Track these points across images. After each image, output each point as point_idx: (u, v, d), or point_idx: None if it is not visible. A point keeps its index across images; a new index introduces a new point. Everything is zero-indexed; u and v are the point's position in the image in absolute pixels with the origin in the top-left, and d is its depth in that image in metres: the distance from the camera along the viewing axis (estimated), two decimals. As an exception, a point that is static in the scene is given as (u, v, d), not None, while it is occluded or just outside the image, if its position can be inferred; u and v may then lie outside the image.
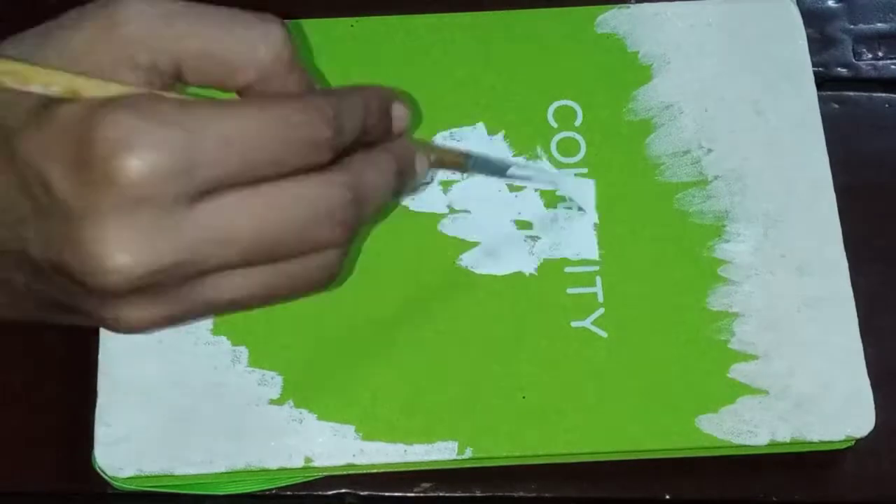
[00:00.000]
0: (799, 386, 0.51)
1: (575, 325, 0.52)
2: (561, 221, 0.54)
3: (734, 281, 0.53)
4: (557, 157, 0.56)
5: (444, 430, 0.50)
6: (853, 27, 0.62)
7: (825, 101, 0.58)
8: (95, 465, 0.50)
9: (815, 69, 0.57)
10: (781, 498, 0.52)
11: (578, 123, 0.56)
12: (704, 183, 0.55)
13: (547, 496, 0.52)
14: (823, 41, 0.61)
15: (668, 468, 0.51)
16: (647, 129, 0.56)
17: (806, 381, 0.51)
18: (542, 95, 0.57)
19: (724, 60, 0.57)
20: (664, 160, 0.56)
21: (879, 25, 0.62)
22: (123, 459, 0.50)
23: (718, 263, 0.53)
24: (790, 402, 0.51)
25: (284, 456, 0.50)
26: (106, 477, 0.50)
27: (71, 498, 0.52)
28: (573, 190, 0.55)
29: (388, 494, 0.52)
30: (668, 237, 0.54)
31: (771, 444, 0.50)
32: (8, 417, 0.52)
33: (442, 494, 0.52)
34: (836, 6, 0.62)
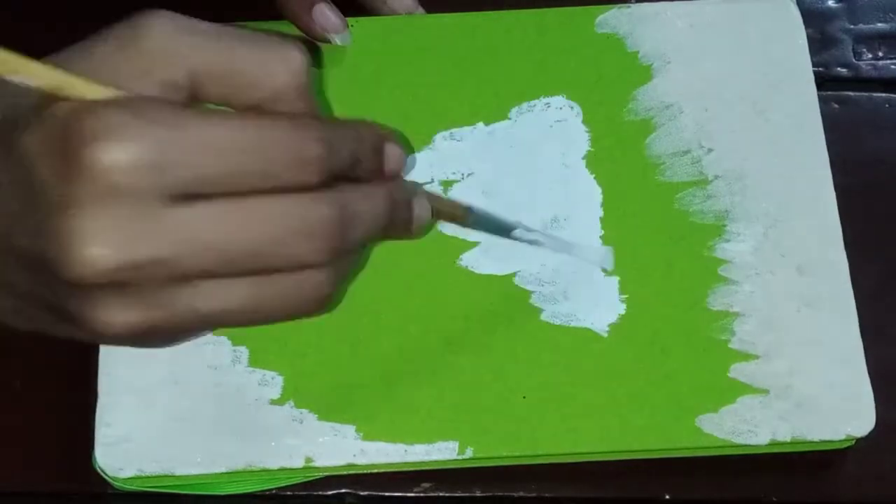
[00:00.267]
0: (799, 386, 0.51)
1: (575, 325, 0.52)
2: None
3: (734, 281, 0.53)
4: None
5: (444, 430, 0.50)
6: (853, 27, 0.62)
7: (825, 101, 0.58)
8: (96, 465, 0.50)
9: (815, 69, 0.57)
10: (781, 498, 0.52)
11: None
12: (704, 183, 0.55)
13: (547, 496, 0.52)
14: (823, 41, 0.61)
15: (668, 468, 0.51)
16: (647, 129, 0.56)
17: (806, 380, 0.51)
18: (542, 95, 0.57)
19: (724, 60, 0.57)
20: (664, 160, 0.56)
21: (879, 25, 0.62)
22: (124, 459, 0.50)
23: (719, 263, 0.53)
24: (790, 401, 0.51)
25: (285, 456, 0.50)
26: (106, 477, 0.50)
27: (71, 498, 0.52)
28: (588, 258, 0.53)
29: (388, 494, 0.52)
30: (668, 237, 0.54)
31: (771, 443, 0.50)
32: (8, 417, 0.52)
33: (442, 494, 0.52)
34: (836, 6, 0.62)
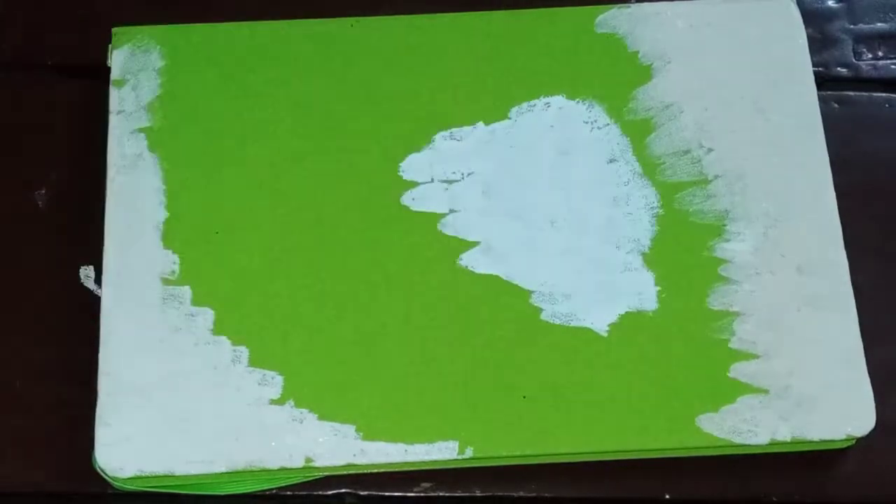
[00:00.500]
0: (799, 385, 0.51)
1: (575, 325, 0.52)
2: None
3: (734, 280, 0.53)
4: (557, 156, 0.56)
5: (444, 430, 0.50)
6: (853, 27, 0.62)
7: (825, 101, 0.58)
8: (96, 465, 0.50)
9: (815, 69, 0.57)
10: (781, 498, 0.52)
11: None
12: (704, 182, 0.55)
13: (547, 496, 0.52)
14: (823, 41, 0.61)
15: (668, 468, 0.52)
16: (647, 128, 0.56)
17: (806, 380, 0.51)
18: (542, 95, 0.57)
19: (724, 60, 0.57)
20: (664, 160, 0.56)
21: (879, 25, 0.62)
22: (124, 459, 0.50)
23: (719, 263, 0.53)
24: (790, 401, 0.51)
25: (285, 456, 0.50)
26: (106, 477, 0.50)
27: (71, 498, 0.52)
28: None
29: (388, 494, 0.52)
30: (668, 237, 0.54)
31: (771, 443, 0.50)
32: (8, 417, 0.53)
33: (442, 494, 0.52)
34: (836, 6, 0.62)
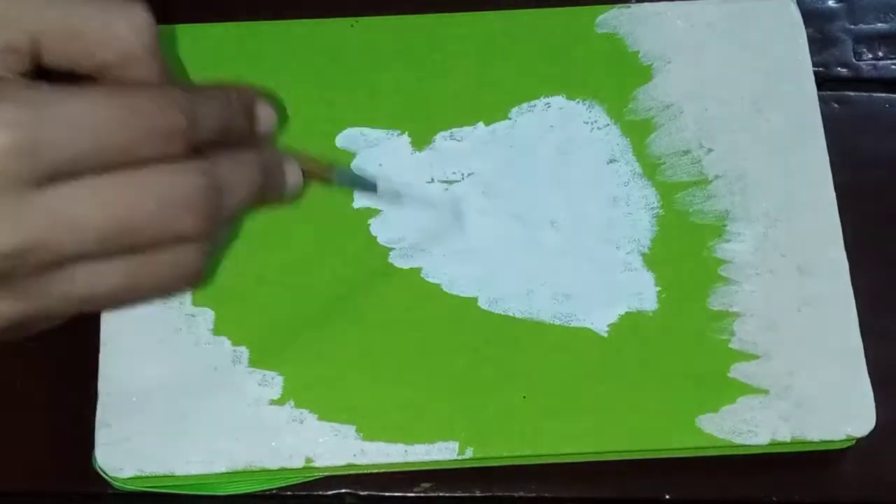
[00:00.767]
0: (799, 386, 0.51)
1: (575, 325, 0.52)
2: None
3: (735, 281, 0.53)
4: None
5: (444, 430, 0.50)
6: (853, 27, 0.61)
7: (825, 101, 0.58)
8: (96, 465, 0.50)
9: (815, 69, 0.57)
10: (781, 498, 0.52)
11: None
12: (705, 183, 0.55)
13: (547, 496, 0.52)
14: (823, 41, 0.61)
15: (668, 468, 0.51)
16: (647, 128, 0.56)
17: (806, 380, 0.51)
18: (542, 95, 0.57)
19: (724, 60, 0.57)
20: (664, 160, 0.56)
21: (879, 25, 0.62)
22: (124, 460, 0.50)
23: (719, 263, 0.53)
24: (790, 401, 0.51)
25: (285, 456, 0.50)
26: (106, 477, 0.50)
27: (71, 498, 0.52)
28: (447, 208, 0.54)
29: (388, 494, 0.52)
30: (668, 237, 0.54)
31: (771, 443, 0.50)
32: (8, 417, 0.52)
33: (442, 494, 0.52)
34: (836, 6, 0.62)
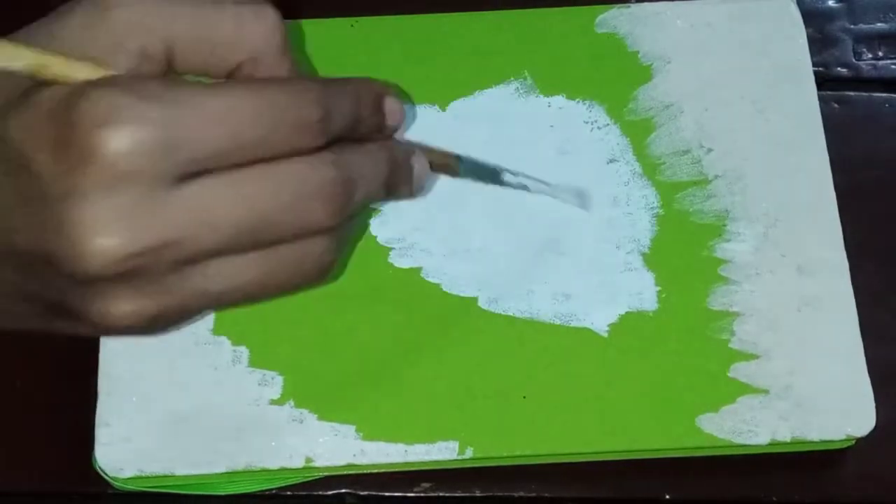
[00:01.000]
0: (799, 385, 0.51)
1: (575, 325, 0.52)
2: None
3: (735, 280, 0.53)
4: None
5: (444, 430, 0.50)
6: (853, 27, 0.61)
7: (825, 101, 0.58)
8: (96, 465, 0.50)
9: (815, 69, 0.57)
10: (781, 498, 0.52)
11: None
12: (705, 183, 0.55)
13: (547, 496, 0.52)
14: (823, 41, 0.61)
15: (668, 468, 0.51)
16: (647, 128, 0.56)
17: (806, 380, 0.51)
18: (542, 95, 0.57)
19: (724, 60, 0.57)
20: (664, 160, 0.56)
21: (879, 25, 0.62)
22: (124, 460, 0.50)
23: (719, 263, 0.53)
24: (791, 401, 0.51)
25: (285, 456, 0.50)
26: (106, 477, 0.50)
27: (71, 498, 0.52)
28: (571, 200, 0.54)
29: (388, 494, 0.52)
30: (668, 237, 0.54)
31: (771, 443, 0.50)
32: (8, 417, 0.52)
33: (442, 494, 0.52)
34: (836, 6, 0.62)
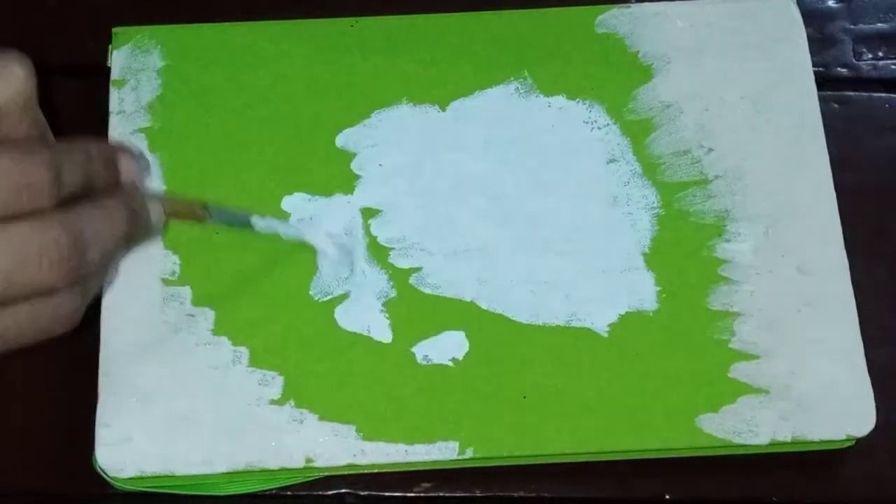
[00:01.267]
0: (799, 385, 0.51)
1: (575, 324, 0.52)
2: None
3: (735, 280, 0.53)
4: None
5: (444, 430, 0.50)
6: (853, 27, 0.62)
7: (825, 101, 0.58)
8: (96, 465, 0.50)
9: (815, 69, 0.57)
10: (781, 498, 0.52)
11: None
12: (705, 183, 0.55)
13: (547, 496, 0.52)
14: (823, 41, 0.61)
15: (668, 468, 0.51)
16: (647, 128, 0.56)
17: (806, 380, 0.51)
18: (542, 95, 0.57)
19: (724, 60, 0.57)
20: (664, 160, 0.56)
21: (879, 25, 0.62)
22: (124, 460, 0.50)
23: (719, 263, 0.53)
24: (791, 401, 0.51)
25: (285, 456, 0.50)
26: (107, 477, 0.50)
27: (71, 498, 0.52)
28: (321, 243, 0.52)
29: (388, 494, 0.52)
30: (668, 237, 0.54)
31: (771, 443, 0.50)
32: (8, 417, 0.52)
33: (442, 494, 0.52)
34: (836, 6, 0.62)
